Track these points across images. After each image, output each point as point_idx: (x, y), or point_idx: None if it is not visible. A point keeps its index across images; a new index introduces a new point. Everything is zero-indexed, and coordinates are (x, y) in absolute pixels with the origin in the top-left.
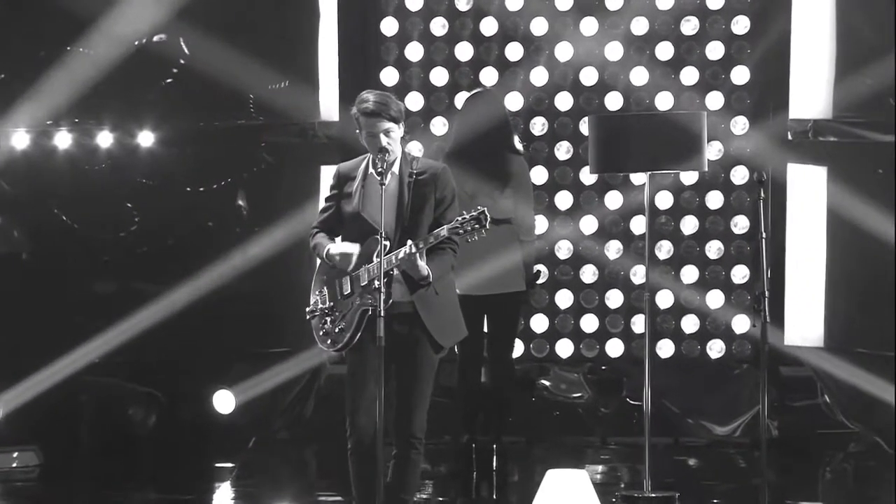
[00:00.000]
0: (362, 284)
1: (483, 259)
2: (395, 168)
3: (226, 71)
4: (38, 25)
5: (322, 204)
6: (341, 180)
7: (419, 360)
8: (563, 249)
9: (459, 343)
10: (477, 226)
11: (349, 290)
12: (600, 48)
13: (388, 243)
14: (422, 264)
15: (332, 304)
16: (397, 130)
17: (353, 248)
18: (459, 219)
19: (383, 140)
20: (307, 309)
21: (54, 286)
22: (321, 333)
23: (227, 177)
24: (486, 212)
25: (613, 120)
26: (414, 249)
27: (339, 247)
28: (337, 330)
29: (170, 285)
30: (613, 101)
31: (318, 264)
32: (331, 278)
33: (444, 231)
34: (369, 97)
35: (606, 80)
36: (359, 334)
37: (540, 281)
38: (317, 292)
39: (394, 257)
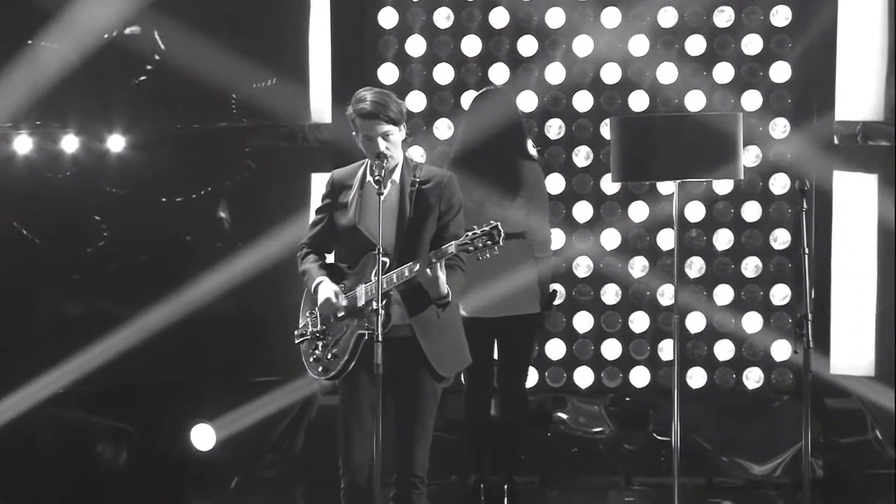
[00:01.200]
0: (359, 305)
1: (492, 277)
2: (396, 175)
3: (205, 67)
4: None
5: (312, 216)
6: (335, 189)
7: (419, 390)
8: (583, 267)
9: (466, 371)
10: (489, 242)
11: (342, 313)
12: (623, 42)
13: (386, 260)
14: (442, 278)
15: (324, 326)
16: (398, 133)
17: (340, 302)
18: (470, 234)
19: (381, 144)
20: (296, 332)
21: (13, 307)
22: (312, 360)
23: (207, 185)
24: (500, 227)
25: (638, 122)
26: (417, 268)
27: (326, 289)
28: (329, 356)
29: (143, 306)
30: (638, 100)
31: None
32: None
33: (451, 247)
34: (366, 96)
35: (630, 78)
36: (354, 361)
37: (556, 302)
38: (307, 313)
39: (395, 276)
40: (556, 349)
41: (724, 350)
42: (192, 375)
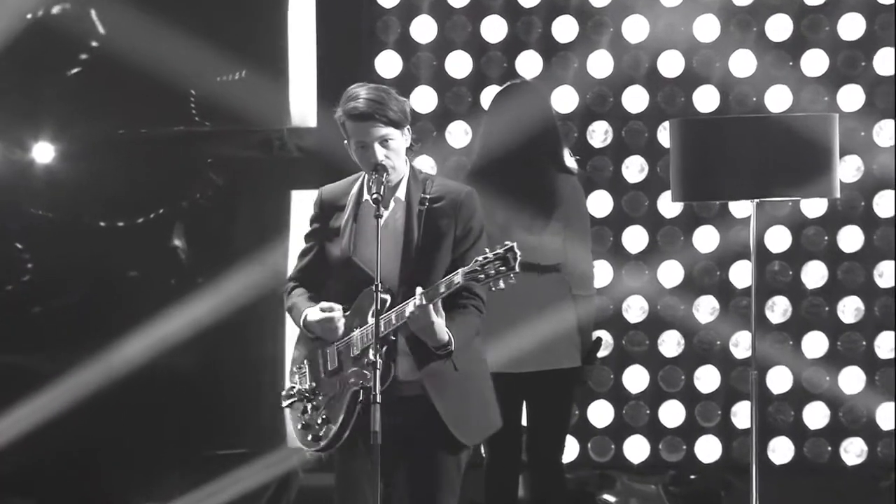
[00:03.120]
0: (353, 355)
1: (520, 322)
2: (401, 191)
3: (156, 56)
4: None
5: (301, 245)
6: (326, 211)
7: (436, 463)
8: (635, 309)
9: (487, 440)
10: (503, 268)
11: (335, 365)
12: (687, 24)
13: (387, 298)
14: (439, 322)
15: (313, 384)
16: (399, 139)
17: (335, 312)
18: (480, 259)
19: (379, 152)
20: (283, 393)
21: None
22: (300, 426)
23: (159, 206)
24: (516, 248)
25: (706, 126)
26: (421, 301)
27: (317, 311)
28: (319, 421)
29: (75, 361)
30: (705, 98)
31: (299, 330)
32: (314, 349)
33: (457, 277)
34: (359, 93)
35: (696, 70)
36: (350, 426)
37: (601, 354)
38: (295, 368)
39: (394, 316)
40: (601, 413)
41: (815, 415)
42: (140, 448)
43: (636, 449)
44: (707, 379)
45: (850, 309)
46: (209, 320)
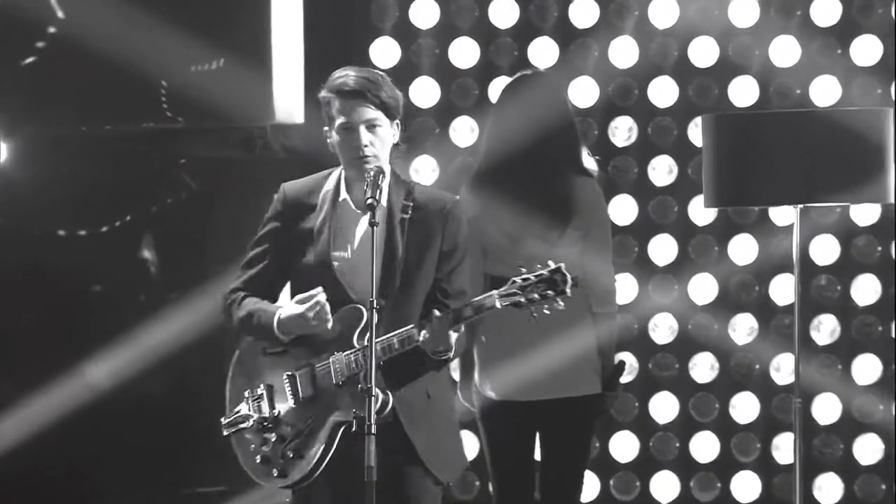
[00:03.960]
0: (338, 383)
1: (532, 343)
2: (382, 195)
3: (123, 43)
4: None
5: (250, 251)
6: (288, 209)
7: (415, 500)
8: (663, 329)
9: (496, 477)
10: (549, 292)
11: (309, 392)
12: (722, 7)
13: (375, 317)
14: (453, 335)
15: (276, 412)
16: (388, 130)
17: (320, 296)
18: (518, 280)
19: (364, 137)
20: (225, 420)
21: None
22: (259, 460)
23: (125, 213)
24: (564, 268)
25: (743, 122)
26: (420, 338)
27: (294, 306)
28: (289, 454)
29: (30, 388)
30: (743, 91)
31: (241, 347)
32: (275, 372)
33: (493, 300)
34: (350, 71)
35: (732, 58)
36: (327, 460)
37: (625, 379)
38: (248, 393)
39: (395, 339)
40: (625, 446)
41: (867, 449)
42: (102, 484)
43: (664, 487)
44: (744, 408)
45: None
46: (183, 342)
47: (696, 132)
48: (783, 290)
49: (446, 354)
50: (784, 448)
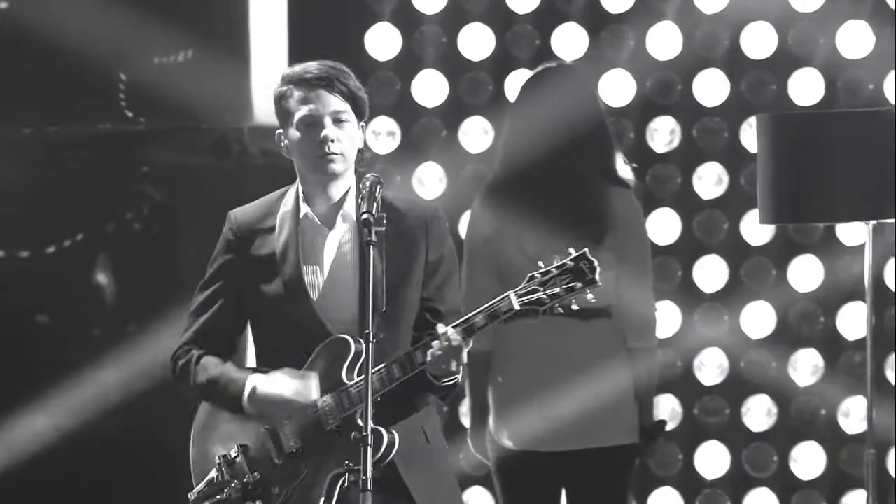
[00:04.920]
0: (330, 429)
1: (560, 384)
2: (349, 205)
3: (75, 31)
4: None
5: (199, 295)
6: (242, 238)
7: None
8: (711, 367)
9: None
10: (577, 283)
11: (296, 445)
12: None
13: (362, 348)
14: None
15: (256, 475)
16: (355, 128)
17: (312, 380)
18: (538, 275)
19: (331, 130)
20: (194, 495)
21: None
22: None
23: (76, 231)
24: (588, 253)
25: (805, 123)
26: (422, 362)
27: (275, 381)
28: None
29: None
30: (804, 87)
31: (206, 408)
32: (247, 431)
33: (510, 301)
34: (310, 62)
35: (791, 49)
36: None
37: (668, 427)
38: (220, 459)
39: (395, 366)
40: None
41: None
42: None
43: None
44: (808, 461)
45: None
46: (143, 380)
47: (749, 135)
48: (853, 321)
49: (454, 378)
50: None
